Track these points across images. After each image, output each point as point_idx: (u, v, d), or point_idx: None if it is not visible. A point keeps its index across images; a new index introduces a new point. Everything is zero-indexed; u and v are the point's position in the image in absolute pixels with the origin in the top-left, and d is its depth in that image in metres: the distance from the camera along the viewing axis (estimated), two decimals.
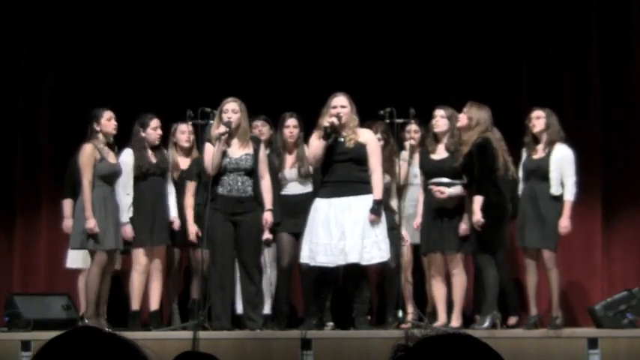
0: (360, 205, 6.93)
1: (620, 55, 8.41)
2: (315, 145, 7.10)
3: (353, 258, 6.85)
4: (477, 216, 6.86)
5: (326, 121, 7.01)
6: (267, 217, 7.13)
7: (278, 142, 7.66)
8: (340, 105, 7.05)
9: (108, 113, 7.18)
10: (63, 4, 8.91)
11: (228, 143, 7.08)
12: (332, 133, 7.02)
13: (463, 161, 7.00)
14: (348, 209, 6.91)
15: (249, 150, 7.12)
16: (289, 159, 7.59)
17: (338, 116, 7.00)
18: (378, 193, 6.97)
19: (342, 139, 7.05)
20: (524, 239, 7.06)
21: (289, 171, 7.54)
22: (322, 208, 6.97)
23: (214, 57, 8.70)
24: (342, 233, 6.86)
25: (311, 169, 7.46)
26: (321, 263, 6.93)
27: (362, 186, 6.98)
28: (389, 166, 7.37)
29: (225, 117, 7.06)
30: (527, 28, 8.56)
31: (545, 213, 6.97)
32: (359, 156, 7.01)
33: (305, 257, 7.03)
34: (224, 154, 7.05)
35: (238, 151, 7.10)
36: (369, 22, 8.68)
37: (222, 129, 7.00)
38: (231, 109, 7.08)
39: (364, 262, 6.91)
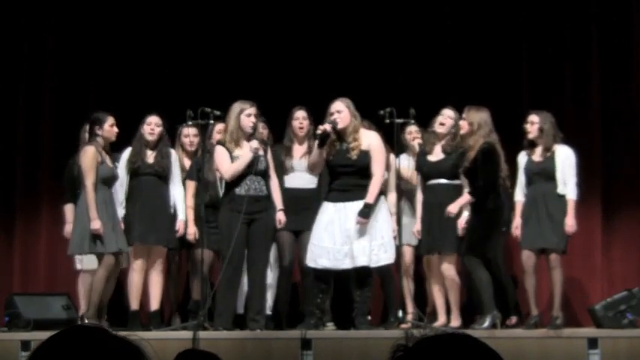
0: None
1: (620, 55, 8.41)
2: (313, 153, 7.09)
3: (362, 261, 6.81)
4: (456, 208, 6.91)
5: (318, 128, 6.98)
6: (281, 216, 7.21)
7: (287, 134, 7.64)
8: (336, 110, 6.97)
9: (111, 119, 7.15)
10: (63, 4, 8.91)
11: (240, 145, 7.09)
12: (326, 139, 6.96)
13: (469, 166, 6.97)
14: (353, 214, 6.86)
15: (261, 152, 7.14)
16: (299, 150, 7.57)
17: (333, 123, 6.95)
18: (371, 197, 6.88)
19: (345, 148, 6.98)
20: (533, 242, 7.00)
21: (298, 161, 7.54)
22: (328, 211, 6.94)
23: (215, 58, 8.69)
24: (347, 237, 6.83)
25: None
26: (323, 266, 6.90)
27: (367, 191, 6.94)
28: None
29: (249, 122, 7.05)
30: (527, 28, 8.56)
31: (554, 213, 6.94)
32: (364, 166, 6.94)
33: (308, 259, 7.01)
34: (234, 154, 7.07)
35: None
36: (369, 23, 8.68)
37: (256, 144, 7.01)
38: (254, 113, 7.11)
39: (373, 265, 6.89)
